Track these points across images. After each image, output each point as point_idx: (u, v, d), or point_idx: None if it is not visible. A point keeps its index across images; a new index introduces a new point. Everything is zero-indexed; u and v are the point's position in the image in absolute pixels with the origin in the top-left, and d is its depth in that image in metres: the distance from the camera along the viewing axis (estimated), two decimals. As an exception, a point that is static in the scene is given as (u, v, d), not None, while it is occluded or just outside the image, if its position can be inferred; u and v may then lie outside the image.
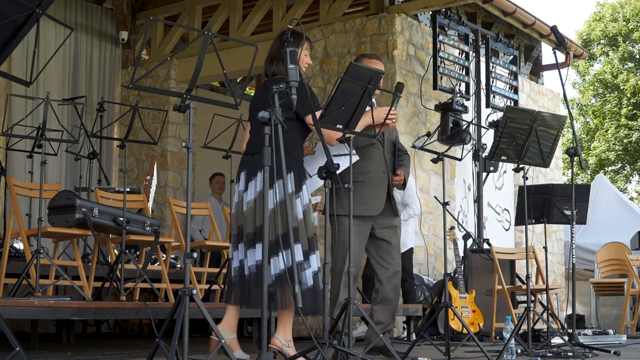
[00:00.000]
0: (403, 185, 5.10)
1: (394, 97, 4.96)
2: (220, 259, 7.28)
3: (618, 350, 5.50)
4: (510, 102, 8.72)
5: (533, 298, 7.19)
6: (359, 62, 5.05)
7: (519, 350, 5.21)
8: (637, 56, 24.21)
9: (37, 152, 6.54)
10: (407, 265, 7.18)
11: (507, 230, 9.67)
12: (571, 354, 5.13)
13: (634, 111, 23.27)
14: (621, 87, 23.52)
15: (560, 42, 6.00)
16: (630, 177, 25.14)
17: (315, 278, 4.21)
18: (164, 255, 6.76)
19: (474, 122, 7.83)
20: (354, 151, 4.54)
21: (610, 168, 24.63)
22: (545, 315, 6.76)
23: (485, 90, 8.54)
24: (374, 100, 4.94)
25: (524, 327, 5.41)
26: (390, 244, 5.03)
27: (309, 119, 4.20)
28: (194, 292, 3.38)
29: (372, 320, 4.85)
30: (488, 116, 8.36)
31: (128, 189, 6.25)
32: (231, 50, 8.83)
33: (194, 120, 3.63)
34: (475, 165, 8.48)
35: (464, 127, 6.89)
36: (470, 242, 8.08)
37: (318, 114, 4.12)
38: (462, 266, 7.46)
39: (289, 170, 4.08)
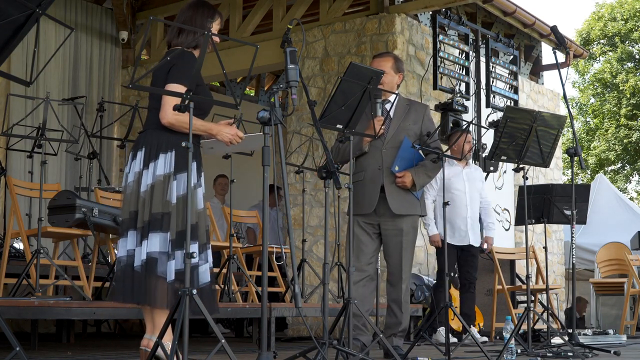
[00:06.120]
0: (414, 188, 4.97)
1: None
2: (220, 259, 7.29)
3: (618, 350, 5.50)
4: (510, 102, 8.71)
5: (533, 298, 7.19)
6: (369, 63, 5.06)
7: (519, 350, 5.21)
8: (637, 56, 24.21)
9: (37, 152, 6.54)
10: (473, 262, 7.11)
11: (507, 230, 9.66)
12: (571, 354, 5.13)
13: (634, 111, 23.27)
14: (620, 87, 23.53)
15: (560, 42, 6.00)
16: (630, 177, 25.15)
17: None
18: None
19: (474, 122, 7.82)
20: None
21: (610, 168, 24.64)
22: (545, 315, 6.76)
23: (485, 90, 8.53)
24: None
25: (524, 327, 5.41)
26: (390, 246, 5.00)
27: (173, 86, 3.66)
28: (194, 292, 3.38)
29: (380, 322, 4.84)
30: (488, 116, 8.36)
31: (128, 189, 6.24)
32: (231, 50, 8.83)
33: (194, 120, 3.61)
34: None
35: (464, 127, 6.89)
36: (470, 242, 8.06)
37: (318, 113, 4.10)
38: (462, 266, 7.44)
39: (169, 150, 3.71)
